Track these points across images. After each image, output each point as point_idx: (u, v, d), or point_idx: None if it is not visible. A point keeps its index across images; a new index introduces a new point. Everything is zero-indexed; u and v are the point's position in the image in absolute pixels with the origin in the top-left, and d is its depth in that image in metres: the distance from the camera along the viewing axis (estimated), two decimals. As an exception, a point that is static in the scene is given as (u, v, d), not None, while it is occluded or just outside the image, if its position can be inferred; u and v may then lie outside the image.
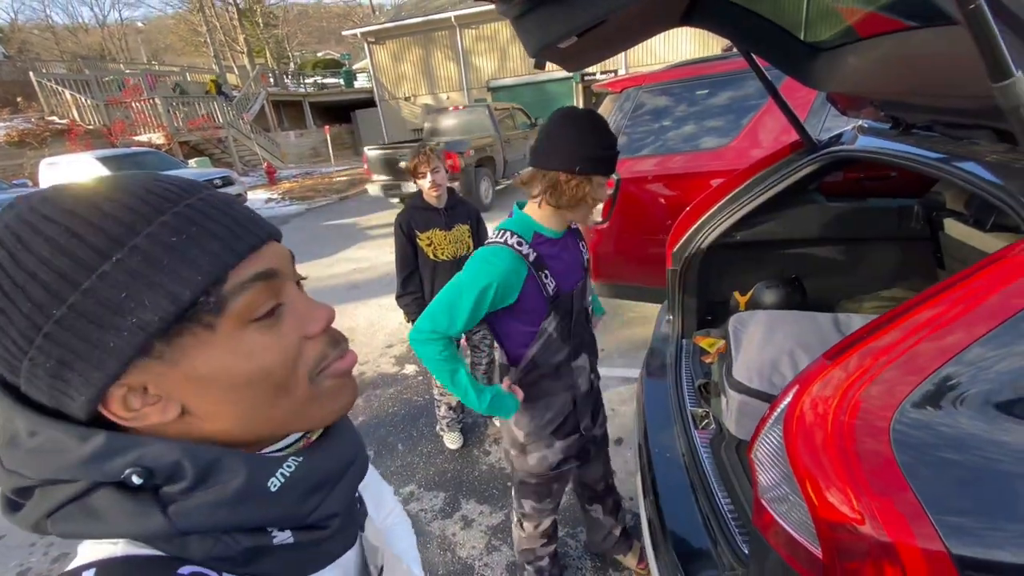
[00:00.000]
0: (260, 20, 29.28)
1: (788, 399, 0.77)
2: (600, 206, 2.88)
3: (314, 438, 0.46)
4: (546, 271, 1.17)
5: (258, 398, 0.38)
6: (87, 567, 0.33)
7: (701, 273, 1.89)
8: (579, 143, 1.10)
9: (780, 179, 1.72)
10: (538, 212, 1.19)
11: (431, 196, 2.14)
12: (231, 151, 15.61)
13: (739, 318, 1.40)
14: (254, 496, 0.37)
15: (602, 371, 1.56)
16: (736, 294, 1.97)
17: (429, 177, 2.08)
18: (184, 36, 33.03)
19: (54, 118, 14.47)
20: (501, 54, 19.23)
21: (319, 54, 34.94)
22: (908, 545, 0.64)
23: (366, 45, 19.98)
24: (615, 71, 18.12)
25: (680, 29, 1.61)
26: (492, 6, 0.85)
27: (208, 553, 0.36)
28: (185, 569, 0.34)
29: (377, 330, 4.14)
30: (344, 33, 20.97)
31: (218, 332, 0.36)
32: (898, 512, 0.65)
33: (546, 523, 1.51)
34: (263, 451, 0.42)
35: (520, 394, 1.25)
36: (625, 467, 2.22)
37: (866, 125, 1.62)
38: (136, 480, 0.34)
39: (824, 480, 0.70)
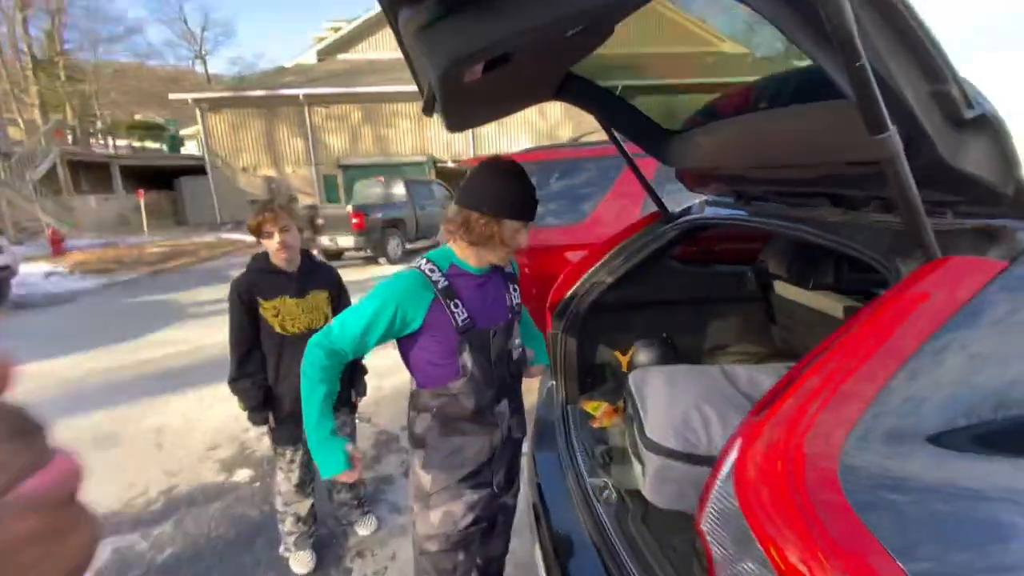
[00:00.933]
0: (62, 73, 25.27)
1: (732, 456, 0.70)
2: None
3: None
4: (457, 301, 1.19)
5: None
6: None
7: (580, 336, 1.88)
8: (492, 187, 1.17)
9: (643, 246, 1.84)
10: (457, 246, 1.25)
11: (279, 258, 1.82)
12: (2, 214, 12.49)
13: (639, 376, 1.36)
14: None
15: None
16: (616, 354, 1.99)
17: (277, 236, 1.77)
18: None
19: None
20: (352, 134, 19.36)
21: (136, 116, 31.16)
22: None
23: (198, 111, 18.44)
24: (464, 160, 19.48)
25: (521, 121, 1.70)
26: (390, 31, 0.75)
27: None
28: None
29: (195, 428, 3.33)
30: (172, 97, 19.13)
31: None
32: (872, 567, 0.58)
33: None
34: None
35: (357, 463, 1.19)
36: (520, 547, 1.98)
37: (710, 199, 1.84)
38: None
39: (791, 545, 0.61)
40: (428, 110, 1.02)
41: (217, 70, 36.53)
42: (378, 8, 0.68)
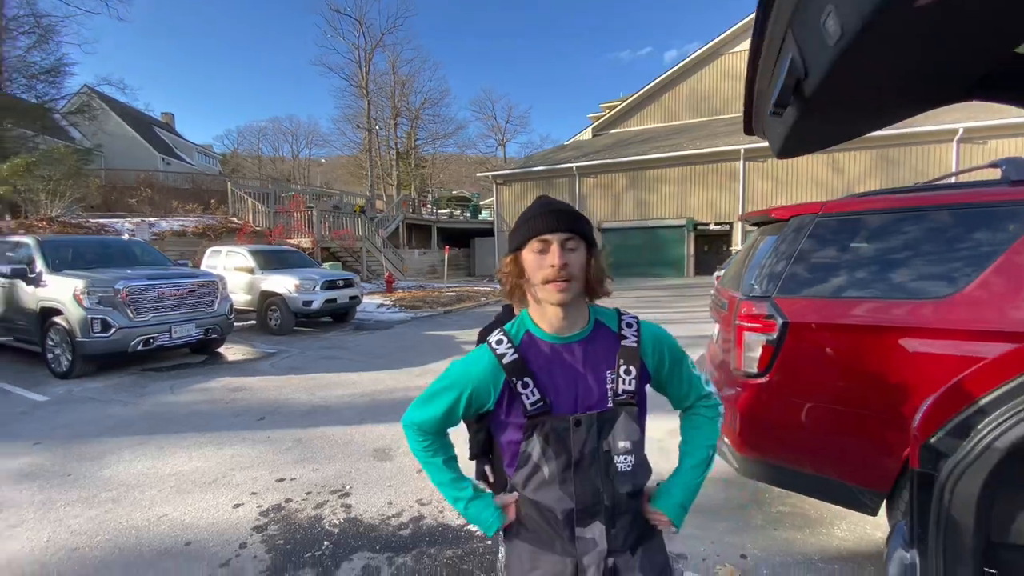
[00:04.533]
0: (413, 162, 34.96)
1: None
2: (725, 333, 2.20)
3: None
4: (528, 379, 0.98)
5: None
6: None
7: (986, 491, 1.10)
8: (515, 227, 1.04)
9: None
10: (531, 309, 1.05)
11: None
12: (362, 260, 17.33)
13: None
14: None
15: None
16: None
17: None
18: (351, 171, 40.09)
19: (234, 219, 17.40)
20: (615, 200, 20.25)
21: (453, 191, 40.05)
22: None
23: (495, 186, 22.35)
24: (730, 223, 17.96)
25: (806, 176, 1.08)
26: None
27: None
28: None
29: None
30: (478, 175, 23.87)
31: None
32: None
33: None
34: None
35: (511, 512, 1.05)
36: None
37: None
38: None
39: None
40: (748, 128, 0.64)
41: (512, 153, 44.16)
42: (645, 87, 0.38)
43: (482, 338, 1.77)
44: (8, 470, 3.37)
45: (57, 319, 5.70)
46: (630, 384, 1.00)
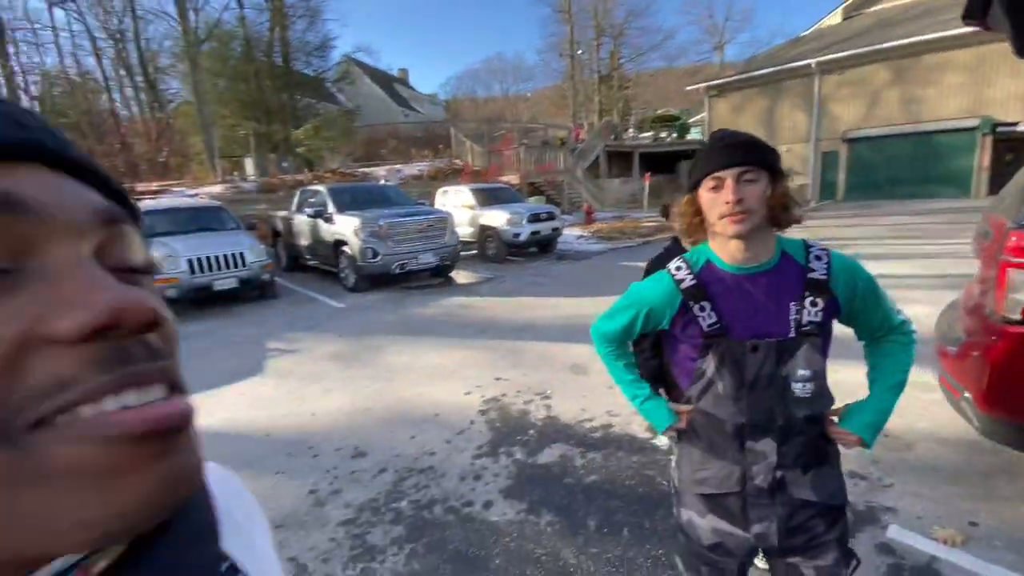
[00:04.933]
0: (616, 83, 33.21)
1: None
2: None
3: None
4: (705, 303, 1.04)
5: None
6: None
7: None
8: (691, 166, 1.07)
9: None
10: (711, 242, 1.09)
11: (684, 241, 1.82)
12: (563, 192, 17.96)
13: None
14: None
15: (965, 560, 0.92)
16: None
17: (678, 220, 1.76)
18: (555, 101, 40.45)
19: (457, 160, 19.72)
20: (871, 99, 16.11)
21: (658, 111, 37.10)
22: None
23: (706, 99, 19.95)
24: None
25: None
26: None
27: None
28: None
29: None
30: (687, 88, 21.53)
31: None
32: None
33: None
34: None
35: (683, 417, 1.14)
36: None
37: None
38: None
39: None
40: (969, 15, 0.59)
41: (732, 56, 38.14)
42: None
43: (649, 269, 1.89)
44: (324, 353, 4.91)
45: (344, 248, 7.66)
46: (816, 316, 1.00)
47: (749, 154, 0.97)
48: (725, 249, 1.04)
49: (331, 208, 8.08)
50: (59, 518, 0.20)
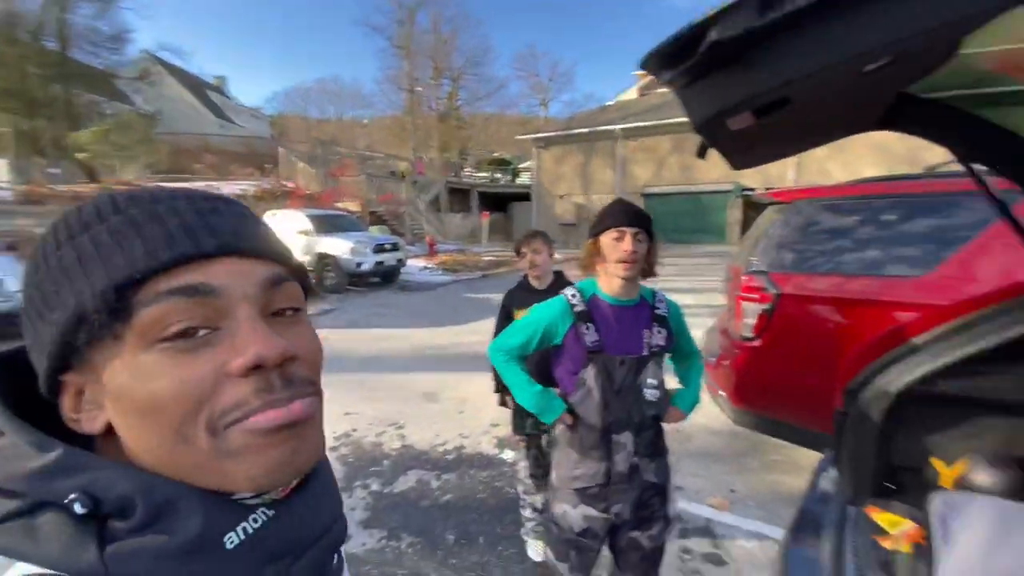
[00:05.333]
0: (455, 122, 34.83)
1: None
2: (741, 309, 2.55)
3: (291, 487, 0.39)
4: (590, 324, 1.36)
5: (156, 435, 0.32)
6: None
7: (884, 424, 1.47)
8: (597, 216, 1.40)
9: (1017, 321, 1.31)
10: (598, 277, 1.43)
11: (532, 277, 2.18)
12: (405, 224, 18.00)
13: (949, 501, 1.00)
14: (203, 552, 0.32)
15: (729, 519, 1.31)
16: (936, 463, 1.48)
17: (528, 257, 2.13)
18: (394, 132, 40.54)
19: (287, 182, 18.34)
20: (658, 164, 19.80)
21: (493, 154, 39.77)
22: None
23: (535, 149, 22.22)
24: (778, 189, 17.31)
25: (867, 143, 1.39)
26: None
27: None
28: None
29: (486, 405, 4.04)
30: (517, 137, 23.66)
31: (125, 344, 0.32)
32: None
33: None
34: (237, 495, 0.36)
35: (567, 418, 1.40)
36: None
37: None
38: (79, 508, 0.29)
39: None
40: (701, 153, 1.00)
41: (555, 112, 43.24)
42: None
43: (505, 302, 2.23)
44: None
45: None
46: (660, 340, 1.39)
47: (643, 221, 1.35)
48: (610, 285, 1.38)
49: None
50: (237, 473, 0.34)
